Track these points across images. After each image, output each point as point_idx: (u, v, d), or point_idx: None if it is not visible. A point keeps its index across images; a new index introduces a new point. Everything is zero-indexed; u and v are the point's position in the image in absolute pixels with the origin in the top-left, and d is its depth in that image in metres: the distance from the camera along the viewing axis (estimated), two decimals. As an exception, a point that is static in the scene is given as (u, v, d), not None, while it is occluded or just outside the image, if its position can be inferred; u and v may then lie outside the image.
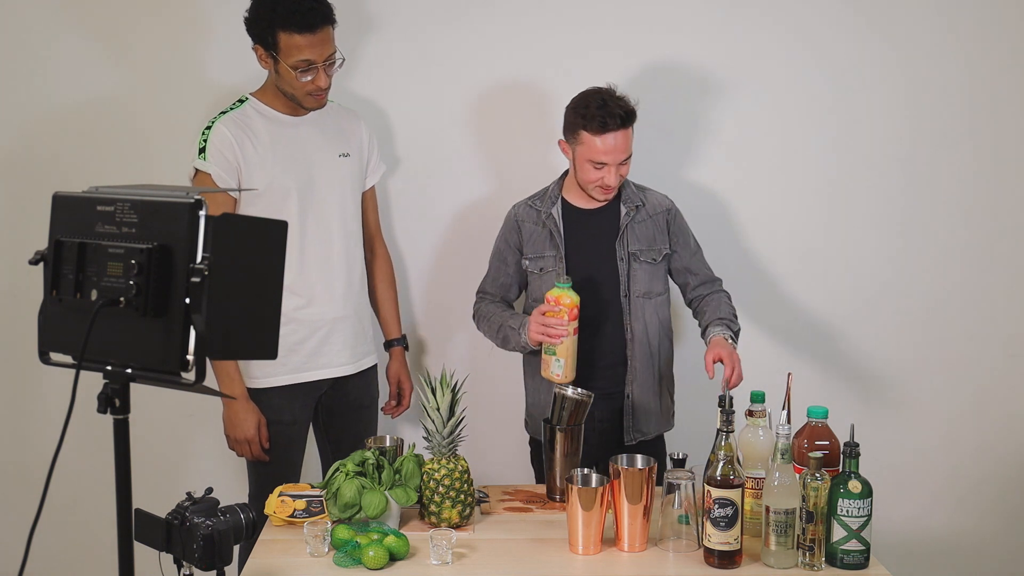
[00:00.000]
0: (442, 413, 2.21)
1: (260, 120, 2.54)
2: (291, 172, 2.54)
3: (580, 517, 2.04)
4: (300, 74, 2.44)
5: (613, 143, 2.42)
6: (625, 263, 2.56)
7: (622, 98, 2.46)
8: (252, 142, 2.51)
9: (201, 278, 1.43)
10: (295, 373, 2.61)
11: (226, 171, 2.48)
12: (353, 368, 2.71)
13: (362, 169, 2.73)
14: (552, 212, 2.58)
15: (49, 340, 1.60)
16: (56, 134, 2.98)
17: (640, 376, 2.58)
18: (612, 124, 2.41)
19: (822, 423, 2.11)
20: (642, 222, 2.58)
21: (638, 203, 2.58)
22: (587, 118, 2.43)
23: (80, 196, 1.58)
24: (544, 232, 2.59)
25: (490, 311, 2.65)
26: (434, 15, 2.95)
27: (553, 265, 2.57)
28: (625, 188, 2.60)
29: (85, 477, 2.94)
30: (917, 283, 3.08)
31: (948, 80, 3.00)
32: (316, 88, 2.48)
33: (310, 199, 2.56)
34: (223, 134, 2.48)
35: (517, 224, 2.63)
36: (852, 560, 1.95)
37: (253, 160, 2.50)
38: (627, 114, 2.43)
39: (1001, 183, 3.05)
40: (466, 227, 3.03)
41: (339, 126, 2.67)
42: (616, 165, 2.45)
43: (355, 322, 2.69)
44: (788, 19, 2.97)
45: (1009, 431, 3.14)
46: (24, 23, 2.92)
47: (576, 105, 2.48)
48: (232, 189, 2.52)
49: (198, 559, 1.71)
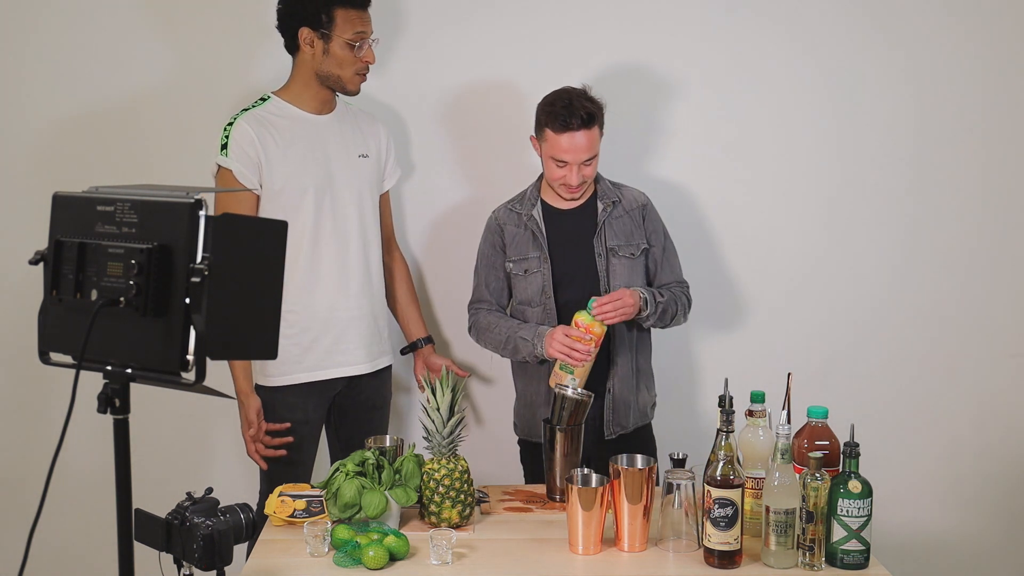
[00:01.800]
0: (442, 413, 2.21)
1: (281, 118, 2.59)
2: (310, 170, 2.58)
3: (580, 517, 2.04)
4: (356, 49, 2.53)
5: (573, 143, 2.45)
6: (603, 259, 2.58)
7: (591, 99, 2.49)
8: (273, 139, 2.55)
9: (201, 278, 1.43)
10: (310, 371, 2.63)
11: (247, 167, 2.52)
12: (368, 367, 2.72)
13: (380, 171, 2.76)
14: (533, 213, 2.61)
15: (49, 340, 1.60)
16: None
17: (621, 371, 2.60)
18: (574, 124, 2.44)
19: (822, 423, 2.10)
20: (619, 218, 2.61)
21: (614, 199, 2.61)
22: (551, 116, 2.46)
23: (80, 196, 1.58)
24: (526, 234, 2.61)
25: (492, 322, 2.64)
26: (447, 15, 2.97)
27: (538, 266, 2.59)
28: (600, 185, 2.63)
29: (85, 477, 2.94)
30: (917, 283, 3.08)
31: (948, 78, 3.01)
32: (366, 65, 2.58)
33: (328, 198, 2.59)
34: (245, 131, 2.52)
35: (500, 227, 2.65)
36: (852, 560, 1.95)
37: (274, 157, 2.54)
38: (589, 115, 2.45)
39: (1001, 185, 3.05)
40: (457, 229, 3.03)
41: (359, 128, 2.71)
42: (578, 165, 2.48)
43: (371, 322, 2.70)
44: (785, 17, 2.97)
45: (1010, 431, 3.13)
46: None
47: (544, 103, 2.52)
48: (233, 189, 2.54)
49: (198, 559, 1.70)
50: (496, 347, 2.64)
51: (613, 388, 2.60)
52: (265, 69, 2.86)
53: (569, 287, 2.58)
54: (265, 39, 2.75)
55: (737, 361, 3.00)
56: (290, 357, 2.58)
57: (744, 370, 2.38)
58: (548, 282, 2.59)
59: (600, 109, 2.50)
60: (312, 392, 2.65)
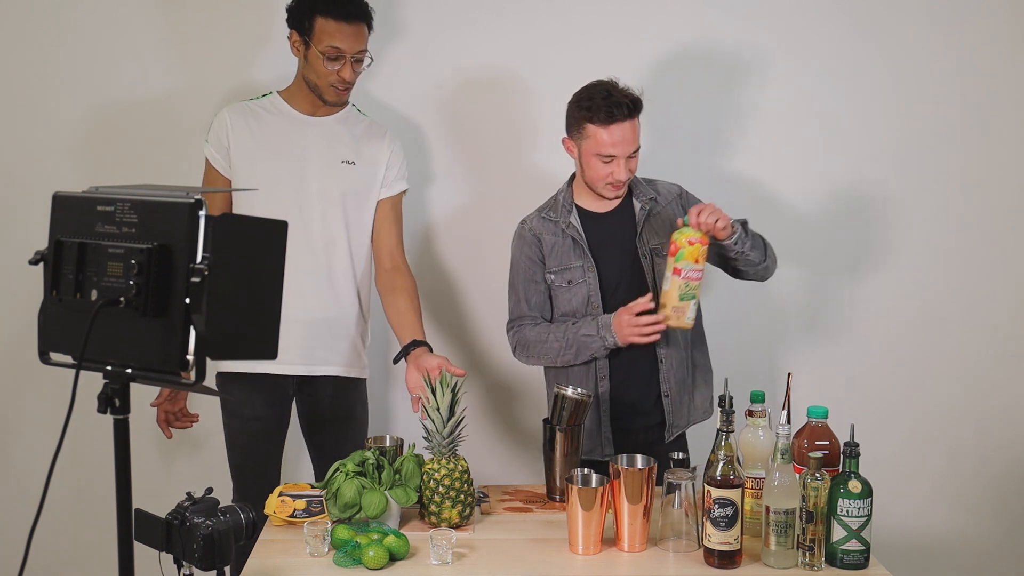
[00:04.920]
0: (442, 413, 2.21)
1: (271, 114, 2.63)
2: (281, 166, 2.58)
3: (580, 517, 2.04)
4: (328, 61, 2.52)
5: (621, 135, 2.35)
6: (648, 260, 2.48)
7: (627, 88, 2.39)
8: (251, 130, 2.59)
9: (201, 278, 1.43)
10: (238, 361, 2.54)
11: (219, 152, 2.61)
12: (304, 370, 2.63)
13: (369, 180, 2.66)
14: (571, 220, 2.49)
15: (49, 340, 1.59)
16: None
17: (676, 372, 2.50)
18: (619, 114, 2.34)
19: (822, 423, 2.10)
20: (658, 215, 2.51)
21: (651, 195, 2.52)
22: (592, 110, 2.36)
23: (80, 196, 1.57)
24: (566, 242, 2.49)
25: (541, 333, 2.49)
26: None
27: (582, 275, 2.48)
28: (635, 185, 2.53)
29: (85, 477, 2.94)
30: (917, 282, 3.08)
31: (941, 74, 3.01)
32: (340, 79, 2.54)
33: (296, 197, 2.58)
34: (223, 118, 2.61)
35: (536, 237, 2.52)
36: (852, 560, 1.95)
37: (245, 145, 2.58)
38: (633, 103, 2.36)
39: (1001, 183, 3.05)
40: (457, 232, 3.03)
41: (354, 135, 2.67)
42: (625, 158, 2.38)
43: (319, 327, 2.61)
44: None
45: (1009, 431, 3.14)
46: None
47: (579, 99, 2.41)
48: (235, 189, 2.56)
49: (198, 559, 1.70)
50: (552, 357, 2.49)
51: (670, 391, 2.50)
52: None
53: (615, 294, 2.47)
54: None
55: (737, 361, 2.99)
56: None
57: (744, 370, 2.37)
58: (595, 291, 2.48)
59: (639, 96, 2.39)
60: (258, 387, 2.61)
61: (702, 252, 2.30)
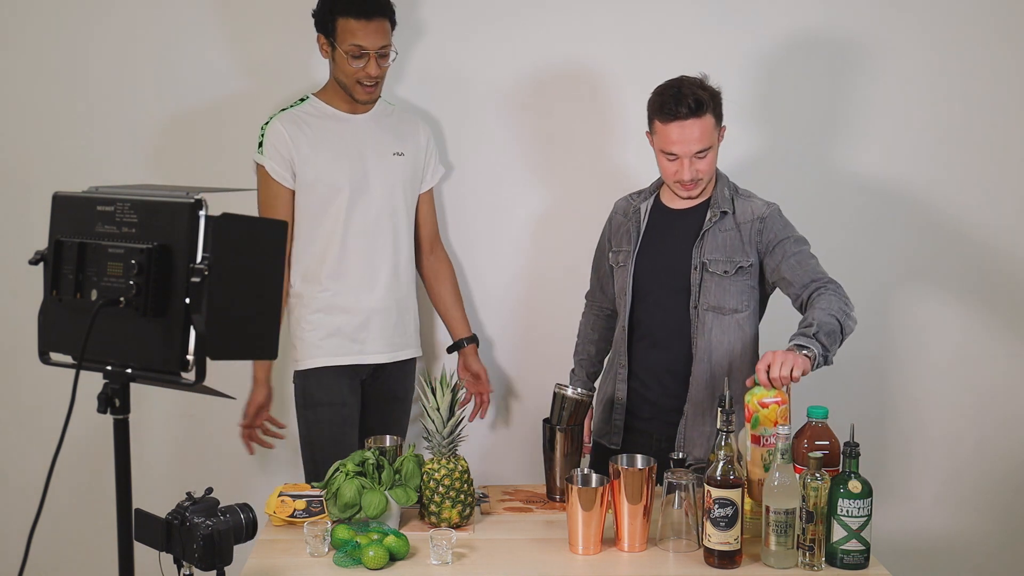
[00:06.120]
0: (442, 413, 2.21)
1: (316, 117, 2.68)
2: (343, 166, 2.66)
3: (580, 517, 2.04)
4: (352, 60, 2.58)
5: (682, 133, 2.29)
6: (698, 272, 2.37)
7: (704, 86, 2.32)
8: (306, 137, 2.64)
9: (201, 278, 1.43)
10: (332, 356, 2.69)
11: (280, 165, 2.63)
12: (389, 357, 2.76)
13: (417, 170, 2.80)
14: (641, 207, 2.48)
15: (49, 340, 1.60)
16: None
17: (697, 396, 2.39)
18: (681, 112, 2.28)
19: (822, 423, 2.10)
20: (726, 231, 2.37)
21: (725, 209, 2.38)
22: (659, 106, 2.32)
23: (80, 196, 1.58)
24: (628, 225, 2.49)
25: (579, 330, 2.69)
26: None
27: (626, 260, 2.45)
28: (717, 190, 2.41)
29: (85, 477, 2.94)
30: (917, 282, 3.08)
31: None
32: (366, 75, 2.60)
33: (360, 193, 2.66)
34: (278, 130, 2.63)
35: (612, 216, 2.57)
36: (852, 560, 1.95)
37: (306, 154, 2.63)
38: (698, 102, 2.28)
39: (1002, 182, 3.05)
40: (460, 230, 3.03)
41: (396, 127, 2.77)
42: (689, 158, 2.31)
43: (394, 315, 2.75)
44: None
45: (1009, 431, 3.13)
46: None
47: (654, 93, 2.37)
48: (233, 189, 2.53)
49: (198, 559, 1.70)
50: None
51: (688, 413, 2.41)
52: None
53: (649, 295, 2.42)
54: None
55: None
56: (312, 340, 2.67)
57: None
58: (628, 282, 2.44)
59: (714, 97, 2.32)
60: (342, 375, 2.70)
61: (781, 412, 2.03)
